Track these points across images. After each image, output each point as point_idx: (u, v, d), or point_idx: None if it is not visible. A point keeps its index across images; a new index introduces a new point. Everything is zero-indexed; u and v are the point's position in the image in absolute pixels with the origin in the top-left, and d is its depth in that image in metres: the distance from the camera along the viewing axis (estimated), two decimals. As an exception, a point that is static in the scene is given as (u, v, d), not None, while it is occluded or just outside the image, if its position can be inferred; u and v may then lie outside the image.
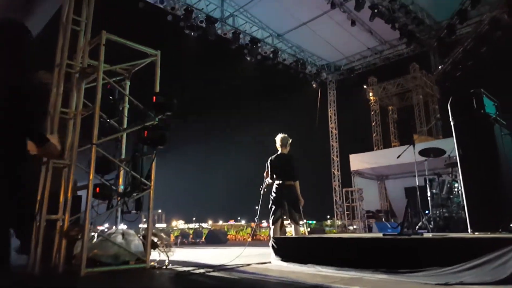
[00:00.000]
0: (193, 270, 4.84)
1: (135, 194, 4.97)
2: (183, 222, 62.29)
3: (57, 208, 4.86)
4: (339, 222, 16.71)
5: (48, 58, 5.03)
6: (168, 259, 5.38)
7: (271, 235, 5.94)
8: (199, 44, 14.08)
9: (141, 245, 5.07)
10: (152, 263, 5.03)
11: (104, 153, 4.79)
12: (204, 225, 45.01)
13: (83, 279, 4.23)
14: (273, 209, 6.00)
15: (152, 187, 5.10)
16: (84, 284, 4.08)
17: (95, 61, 5.07)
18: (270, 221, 6.04)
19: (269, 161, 6.18)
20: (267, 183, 6.16)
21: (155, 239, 5.41)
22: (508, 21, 11.76)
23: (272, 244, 5.36)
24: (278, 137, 6.22)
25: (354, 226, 16.38)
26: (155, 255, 5.44)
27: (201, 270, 4.76)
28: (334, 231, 16.86)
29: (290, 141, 6.23)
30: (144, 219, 5.33)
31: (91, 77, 5.12)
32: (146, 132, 4.76)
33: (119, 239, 4.95)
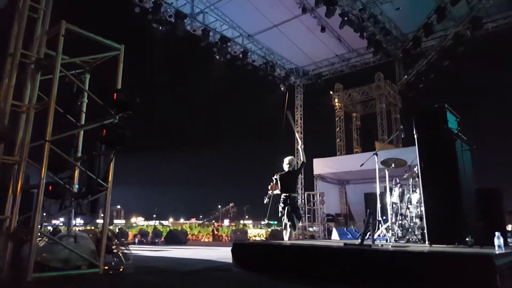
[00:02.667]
0: (145, 276, 4.66)
1: (90, 196, 4.70)
2: (143, 219, 60.81)
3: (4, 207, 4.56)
4: (300, 224, 16.87)
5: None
6: (123, 264, 5.17)
7: (285, 239, 6.88)
8: (167, 40, 13.69)
9: (94, 249, 4.81)
10: (106, 268, 4.79)
11: (58, 150, 4.49)
12: (165, 222, 44.04)
13: (29, 285, 3.96)
14: (283, 218, 6.89)
15: (109, 189, 4.85)
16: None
17: (53, 51, 4.78)
18: (284, 227, 7.02)
19: (278, 176, 7.14)
20: (271, 194, 7.16)
21: (110, 243, 5.18)
22: (471, 38, 12.26)
23: (232, 250, 5.28)
24: (287, 159, 7.19)
25: (314, 228, 16.62)
26: (110, 259, 5.20)
27: (154, 277, 4.59)
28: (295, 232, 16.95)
29: (295, 161, 7.48)
30: (102, 215, 5.06)
31: (47, 69, 4.80)
32: (104, 131, 4.50)
33: (71, 242, 4.67)
